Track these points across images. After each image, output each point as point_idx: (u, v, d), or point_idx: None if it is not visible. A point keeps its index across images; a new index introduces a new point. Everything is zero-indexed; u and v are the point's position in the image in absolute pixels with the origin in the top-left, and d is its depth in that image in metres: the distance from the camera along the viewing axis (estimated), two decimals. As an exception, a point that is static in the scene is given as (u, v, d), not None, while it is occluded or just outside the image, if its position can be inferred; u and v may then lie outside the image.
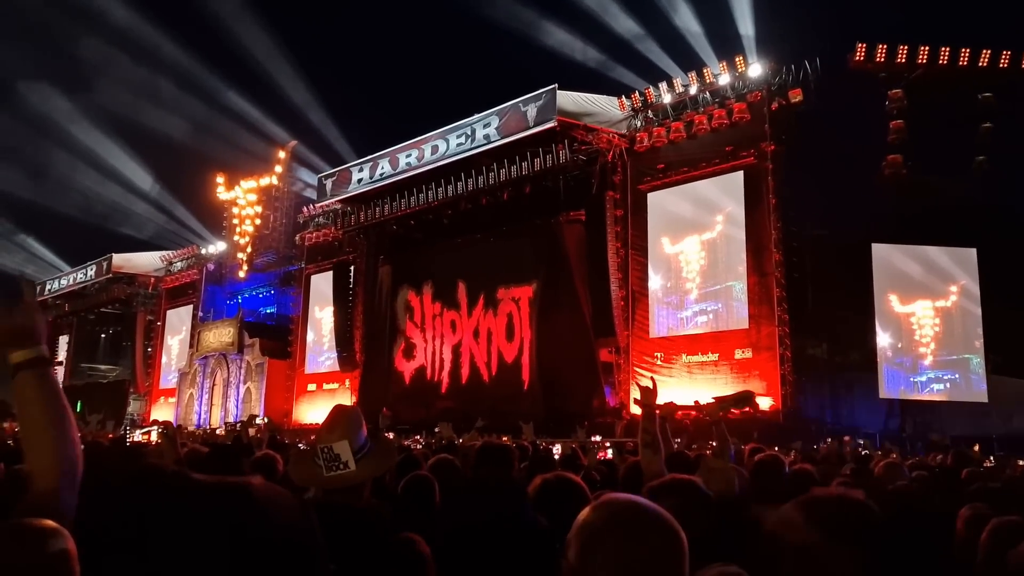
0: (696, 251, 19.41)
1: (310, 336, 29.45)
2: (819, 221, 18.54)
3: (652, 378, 4.25)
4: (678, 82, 19.83)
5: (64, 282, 40.53)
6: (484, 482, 2.11)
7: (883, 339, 17.83)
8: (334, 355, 27.74)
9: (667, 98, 19.90)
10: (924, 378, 17.74)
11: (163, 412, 33.55)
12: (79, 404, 33.38)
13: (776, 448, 11.75)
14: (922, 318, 17.96)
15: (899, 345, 17.95)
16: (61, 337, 40.70)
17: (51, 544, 1.32)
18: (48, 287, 41.51)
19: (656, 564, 1.33)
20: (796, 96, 17.98)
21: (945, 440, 12.62)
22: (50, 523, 1.35)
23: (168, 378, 34.74)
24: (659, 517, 1.39)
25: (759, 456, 5.09)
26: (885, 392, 17.57)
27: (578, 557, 1.36)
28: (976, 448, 10.91)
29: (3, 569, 1.27)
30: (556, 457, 7.35)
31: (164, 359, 35.56)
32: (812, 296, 17.97)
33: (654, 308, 19.78)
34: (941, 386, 17.67)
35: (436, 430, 11.25)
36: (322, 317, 28.88)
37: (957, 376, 17.64)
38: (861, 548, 1.35)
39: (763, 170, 18.24)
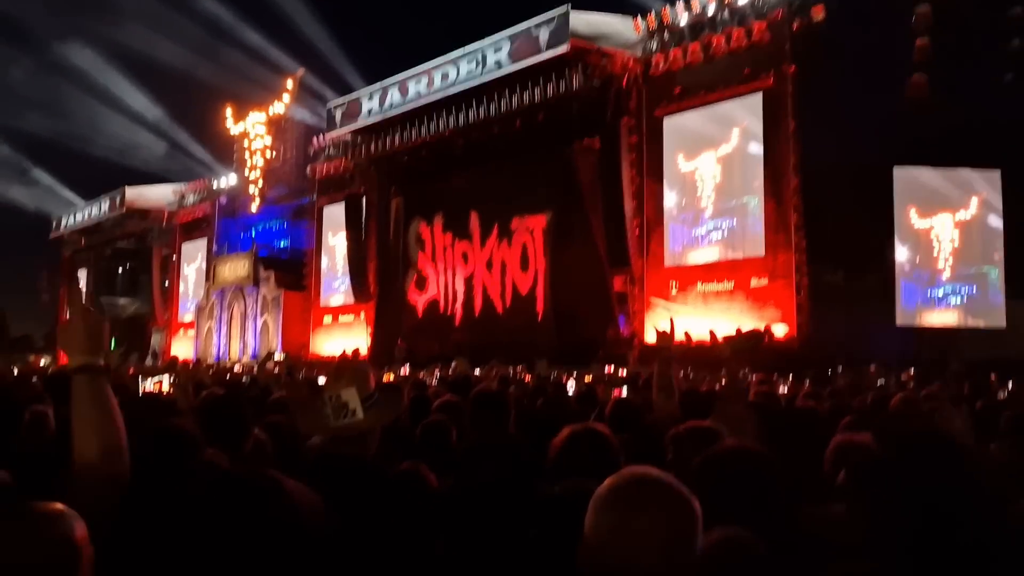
0: (712, 167, 19.10)
1: (324, 263, 29.48)
2: (840, 144, 18.09)
3: (672, 320, 4.18)
4: (696, 2, 19.18)
5: (79, 217, 40.68)
6: (482, 449, 2.05)
7: (901, 254, 17.78)
8: (348, 281, 27.70)
9: (684, 19, 19.26)
10: (941, 292, 17.71)
11: (183, 345, 34.04)
12: (113, 340, 33.91)
13: (790, 376, 11.77)
14: (941, 232, 17.82)
15: (917, 260, 17.88)
16: (79, 271, 41.09)
17: (59, 528, 1.32)
18: (64, 222, 41.73)
19: (662, 534, 1.38)
20: (819, 14, 17.36)
21: (963, 368, 12.54)
22: (60, 507, 1.37)
23: (186, 311, 35.13)
24: (666, 488, 1.44)
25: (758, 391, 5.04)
26: (902, 307, 17.56)
27: (589, 528, 1.42)
28: (993, 377, 10.82)
29: (9, 550, 1.28)
30: (570, 393, 7.36)
31: (181, 292, 35.91)
32: (831, 222, 17.70)
33: (668, 227, 19.61)
34: (958, 299, 17.64)
35: (452, 364, 11.29)
36: (335, 244, 28.82)
37: (975, 289, 17.57)
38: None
39: (783, 93, 17.77)
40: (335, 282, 28.92)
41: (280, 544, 0.99)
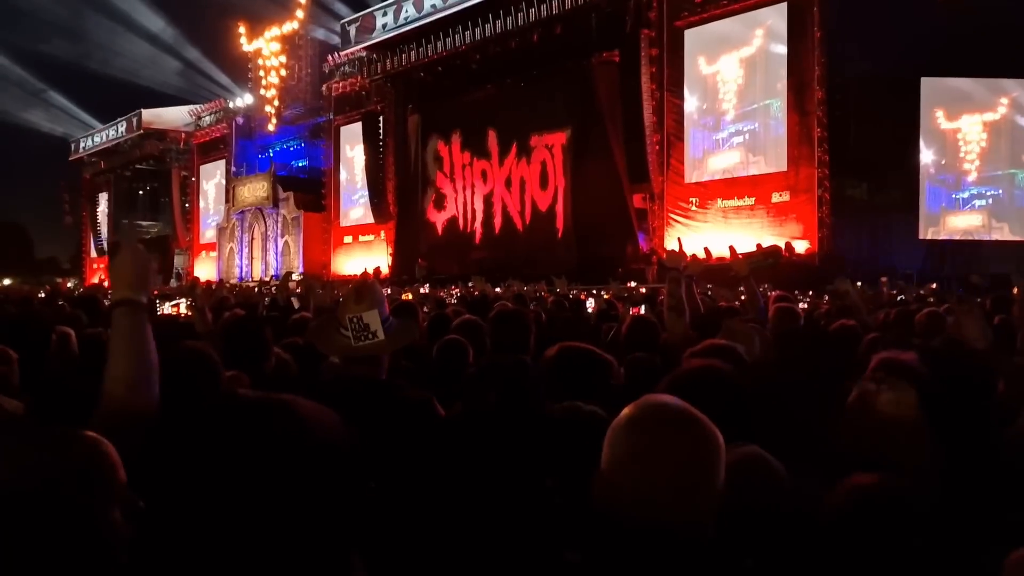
0: (734, 70, 18.69)
1: (343, 176, 29.39)
2: (866, 55, 17.57)
3: (679, 239, 4.17)
4: (719, -95, 18.39)
5: (97, 139, 40.73)
6: (494, 368, 2.07)
7: (926, 156, 17.52)
8: (367, 194, 27.67)
9: (707, -77, 18.52)
10: (966, 194, 17.51)
11: (205, 266, 34.41)
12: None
13: (811, 293, 11.74)
14: (968, 134, 17.50)
15: (943, 162, 17.63)
16: (100, 194, 41.32)
17: (85, 449, 1.32)
18: (82, 144, 41.78)
19: (681, 463, 1.31)
20: (848, -84, 16.61)
21: (985, 282, 12.41)
22: (91, 433, 1.36)
23: (208, 232, 35.38)
24: (686, 416, 1.37)
25: (777, 307, 5.01)
26: (926, 210, 17.40)
27: (606, 458, 1.37)
28: (1015, 290, 10.71)
29: (32, 468, 1.27)
30: (590, 311, 7.40)
31: (202, 213, 36.09)
32: (854, 135, 17.32)
33: (689, 132, 19.31)
34: (983, 202, 17.45)
35: (470, 284, 11.34)
36: (354, 156, 28.67)
37: (1000, 192, 17.35)
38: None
39: (809, 2, 17.16)
40: (355, 195, 28.90)
41: (290, 463, 1.01)
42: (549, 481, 1.76)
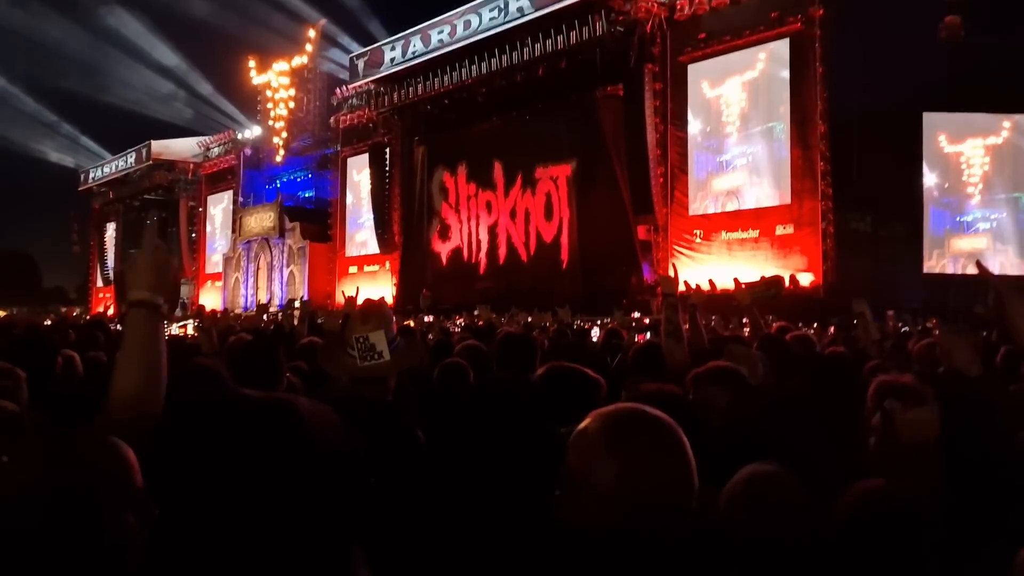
0: (737, 93, 18.86)
1: (349, 199, 29.60)
2: (868, 90, 17.72)
3: (674, 266, 4.22)
4: (722, -57, 18.69)
5: (107, 170, 41.14)
6: (498, 385, 2.08)
7: (930, 179, 17.64)
8: (371, 218, 27.81)
9: (710, -39, 18.81)
10: (970, 217, 17.54)
11: (211, 296, 34.50)
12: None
13: (815, 325, 11.75)
14: (971, 157, 17.59)
15: (946, 185, 17.70)
16: (108, 224, 41.62)
17: (103, 452, 1.33)
18: (92, 175, 42.18)
19: (651, 463, 1.33)
20: (848, -45, 16.85)
21: (989, 314, 12.42)
22: (111, 438, 1.37)
23: (214, 262, 35.53)
24: (654, 419, 1.39)
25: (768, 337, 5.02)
26: (930, 233, 17.48)
27: (574, 462, 1.38)
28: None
29: (50, 471, 1.27)
30: (595, 340, 7.42)
31: (209, 244, 36.27)
32: (858, 168, 17.41)
33: (692, 154, 19.44)
34: (987, 225, 17.45)
35: (475, 312, 11.36)
36: (360, 180, 28.90)
37: (1004, 214, 17.36)
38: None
39: (810, 37, 17.37)
40: (360, 218, 29.06)
41: (293, 459, 1.03)
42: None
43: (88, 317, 19.29)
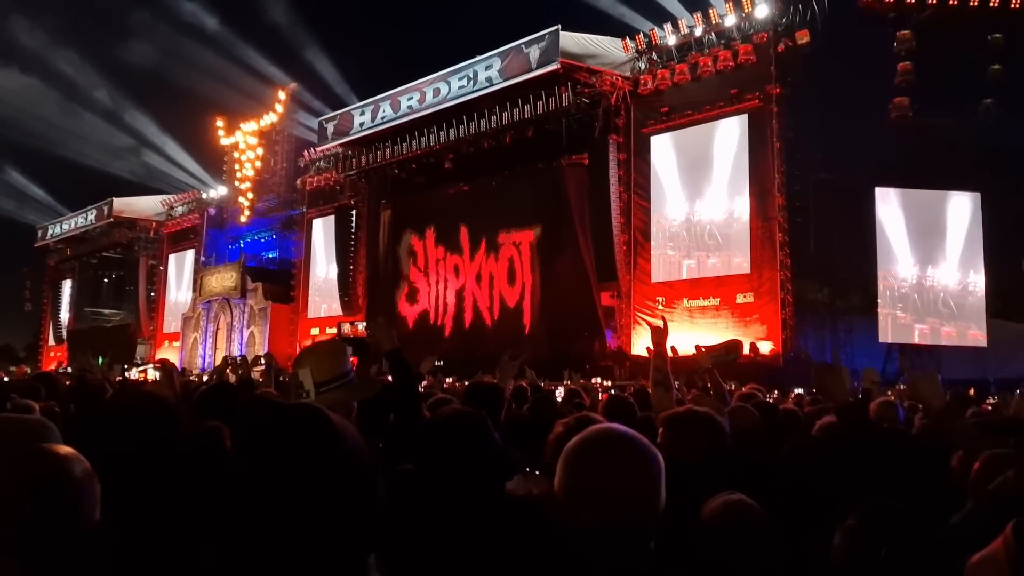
0: (699, 165, 19.29)
1: (313, 260, 29.58)
2: (823, 164, 18.43)
3: (663, 318, 4.30)
4: (683, 23, 19.48)
5: (65, 226, 40.51)
6: (446, 419, 2.07)
7: (884, 257, 18.07)
8: (336, 280, 27.83)
9: (672, 40, 19.57)
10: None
11: (168, 355, 33.76)
12: (100, 359, 33.65)
13: (776, 392, 11.89)
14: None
15: (899, 263, 18.21)
16: (64, 281, 40.90)
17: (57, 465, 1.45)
18: (50, 232, 41.52)
19: (625, 476, 1.45)
20: (803, 37, 17.67)
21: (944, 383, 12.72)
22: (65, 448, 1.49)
23: (172, 322, 34.97)
24: (628, 440, 1.51)
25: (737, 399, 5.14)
26: (888, 308, 17.92)
27: (558, 479, 1.52)
28: (971, 391, 10.99)
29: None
30: (559, 399, 7.41)
31: (168, 303, 35.75)
32: (815, 240, 17.95)
33: (655, 222, 19.83)
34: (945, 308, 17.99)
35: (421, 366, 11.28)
36: (325, 241, 29.00)
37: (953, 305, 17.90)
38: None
39: (768, 113, 18.05)
40: (323, 280, 29.08)
41: (327, 463, 1.08)
42: None
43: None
